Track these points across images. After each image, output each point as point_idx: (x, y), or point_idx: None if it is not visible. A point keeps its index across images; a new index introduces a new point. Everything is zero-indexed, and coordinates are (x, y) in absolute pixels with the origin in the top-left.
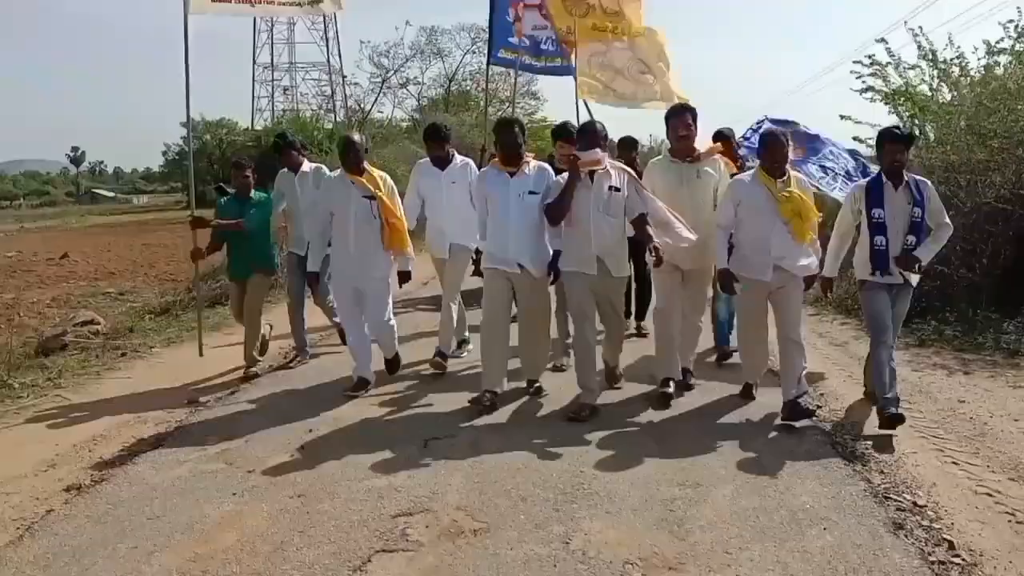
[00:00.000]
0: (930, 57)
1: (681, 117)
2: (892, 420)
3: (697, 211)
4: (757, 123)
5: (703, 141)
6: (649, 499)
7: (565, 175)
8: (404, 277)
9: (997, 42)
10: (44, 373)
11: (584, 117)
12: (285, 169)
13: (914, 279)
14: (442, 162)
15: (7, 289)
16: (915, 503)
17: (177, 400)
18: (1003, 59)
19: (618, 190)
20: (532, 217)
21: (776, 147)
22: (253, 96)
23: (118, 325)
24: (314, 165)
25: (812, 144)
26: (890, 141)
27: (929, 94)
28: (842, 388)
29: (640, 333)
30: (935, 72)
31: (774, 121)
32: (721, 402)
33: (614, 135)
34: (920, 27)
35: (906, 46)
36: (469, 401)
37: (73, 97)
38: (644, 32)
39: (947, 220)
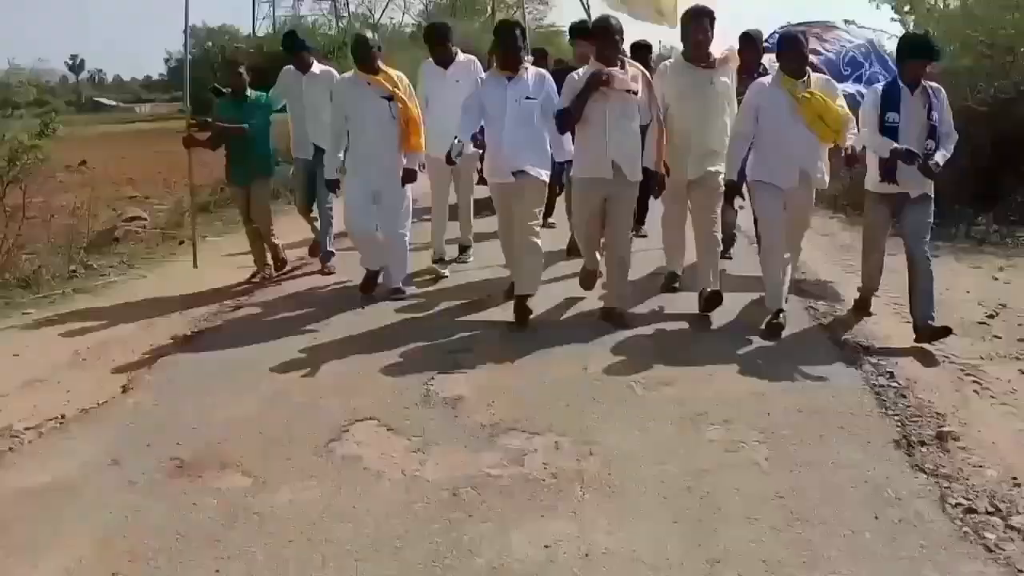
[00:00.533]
0: None
1: (699, 21)
2: (865, 307)
3: (709, 118)
4: (782, 27)
5: (719, 47)
6: (650, 347)
7: (583, 70)
8: (409, 176)
9: None
10: (117, 257)
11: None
12: (291, 67)
13: (930, 187)
14: (445, 61)
15: (34, 193)
16: (868, 347)
17: (242, 278)
18: None
19: (635, 94)
20: (530, 121)
21: (793, 45)
22: (254, 1)
23: (167, 220)
24: (324, 67)
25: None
26: (914, 59)
27: (933, 1)
28: (821, 270)
29: (638, 234)
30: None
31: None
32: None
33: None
34: None
35: None
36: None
37: (70, 3)
38: None
39: (953, 130)
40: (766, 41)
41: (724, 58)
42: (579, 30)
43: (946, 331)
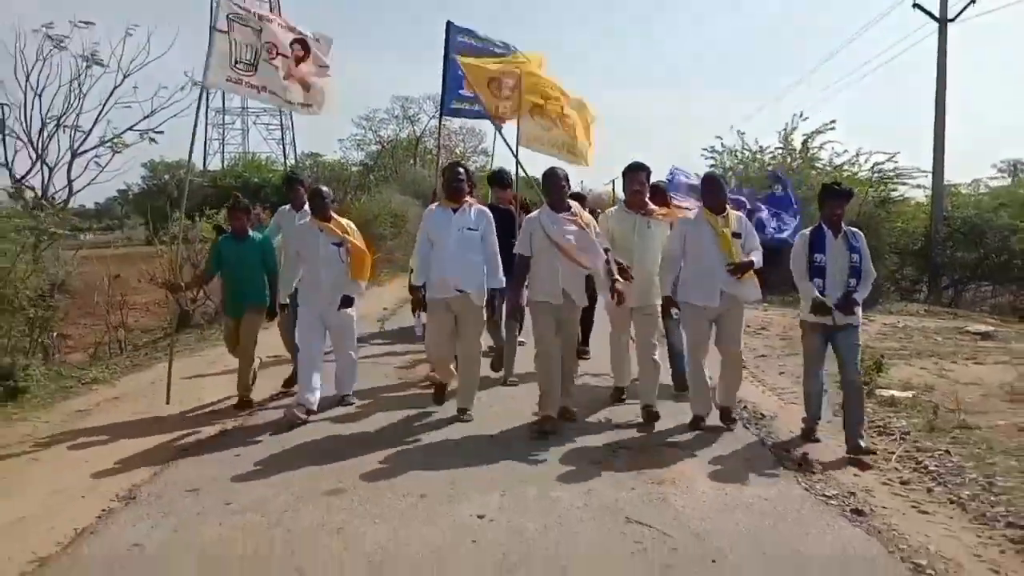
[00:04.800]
0: (743, 153)
1: (636, 174)
2: (810, 436)
3: (645, 257)
4: (670, 174)
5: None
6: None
7: (536, 212)
8: (346, 302)
9: (775, 147)
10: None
11: (529, 162)
12: (287, 207)
13: (856, 319)
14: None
15: None
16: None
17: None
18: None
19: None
20: (470, 249)
21: (714, 187)
22: (206, 138)
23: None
24: None
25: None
26: (831, 197)
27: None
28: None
29: (581, 355)
30: (743, 160)
31: (677, 170)
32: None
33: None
34: (741, 130)
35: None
36: (433, 394)
37: None
38: (571, 105)
39: (872, 269)
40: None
41: (665, 214)
42: (495, 180)
43: (869, 453)
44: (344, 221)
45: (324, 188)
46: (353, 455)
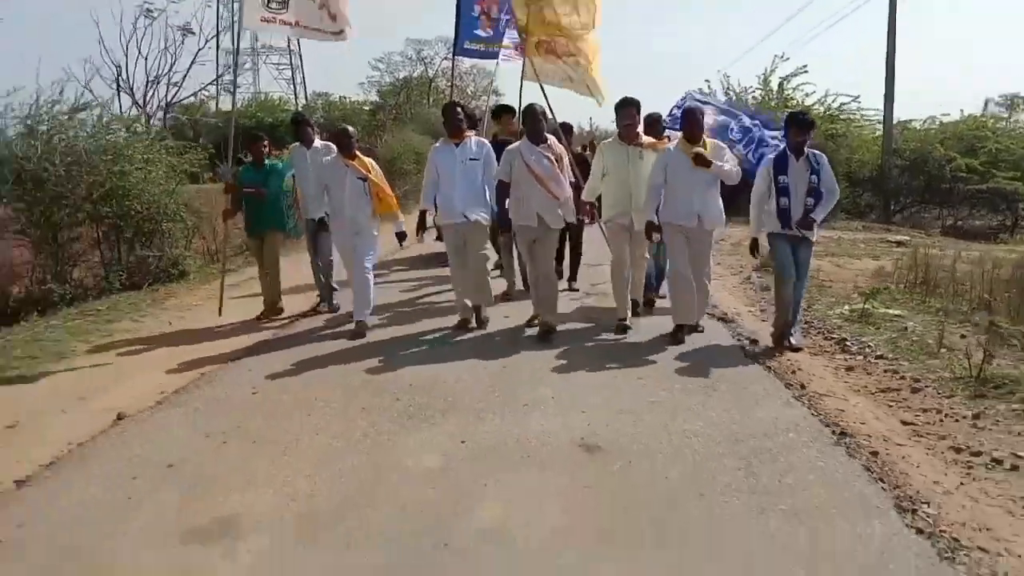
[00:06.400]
0: (730, 93)
1: (628, 109)
2: (788, 347)
3: (638, 184)
4: (681, 100)
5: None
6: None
7: (517, 144)
8: (401, 236)
9: (755, 88)
10: None
11: (532, 97)
12: (298, 144)
13: (814, 235)
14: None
15: None
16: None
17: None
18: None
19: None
20: (473, 178)
21: (692, 119)
22: (217, 78)
23: None
24: (324, 142)
25: (729, 117)
26: (796, 126)
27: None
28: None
29: (571, 289)
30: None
31: (693, 97)
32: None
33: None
34: (727, 74)
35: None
36: (453, 328)
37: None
38: (589, 34)
39: (836, 187)
40: (670, 115)
41: (652, 144)
42: (499, 113)
43: (797, 350)
44: (368, 160)
45: (350, 128)
46: (398, 346)
